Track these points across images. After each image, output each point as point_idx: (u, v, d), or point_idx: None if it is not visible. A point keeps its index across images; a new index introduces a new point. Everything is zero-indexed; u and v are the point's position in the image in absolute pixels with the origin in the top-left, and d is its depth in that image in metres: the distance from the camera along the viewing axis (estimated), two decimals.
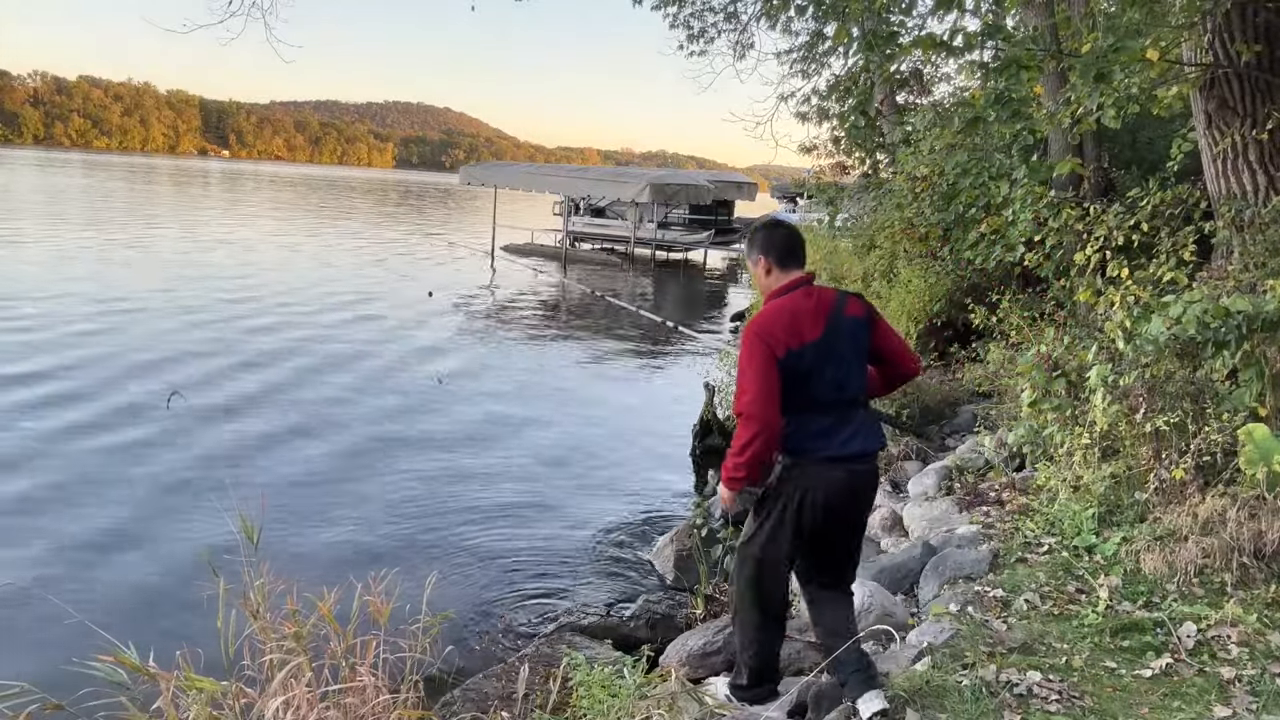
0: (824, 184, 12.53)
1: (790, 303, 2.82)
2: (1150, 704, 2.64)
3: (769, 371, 2.72)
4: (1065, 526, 3.90)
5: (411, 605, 2.90)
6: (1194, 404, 3.89)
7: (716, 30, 14.94)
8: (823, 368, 2.80)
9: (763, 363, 2.73)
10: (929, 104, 13.26)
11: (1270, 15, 4.91)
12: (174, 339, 10.90)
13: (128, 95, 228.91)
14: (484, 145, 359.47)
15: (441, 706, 3.35)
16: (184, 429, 7.35)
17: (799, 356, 2.76)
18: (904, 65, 12.42)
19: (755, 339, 2.76)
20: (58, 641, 3.94)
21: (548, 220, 29.64)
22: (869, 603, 3.55)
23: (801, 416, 2.81)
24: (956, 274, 8.19)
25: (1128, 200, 6.15)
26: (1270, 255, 4.69)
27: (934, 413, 6.61)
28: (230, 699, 2.49)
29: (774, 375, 2.72)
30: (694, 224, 27.77)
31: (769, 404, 2.72)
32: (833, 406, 2.83)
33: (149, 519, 5.61)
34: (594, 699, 2.81)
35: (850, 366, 2.86)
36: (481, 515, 5.95)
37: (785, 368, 2.74)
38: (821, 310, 2.81)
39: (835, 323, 2.82)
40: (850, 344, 2.86)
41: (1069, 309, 6.45)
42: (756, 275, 2.98)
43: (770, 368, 2.72)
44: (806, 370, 2.78)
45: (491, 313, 15.51)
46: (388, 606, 2.73)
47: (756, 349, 2.75)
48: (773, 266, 2.92)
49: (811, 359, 2.77)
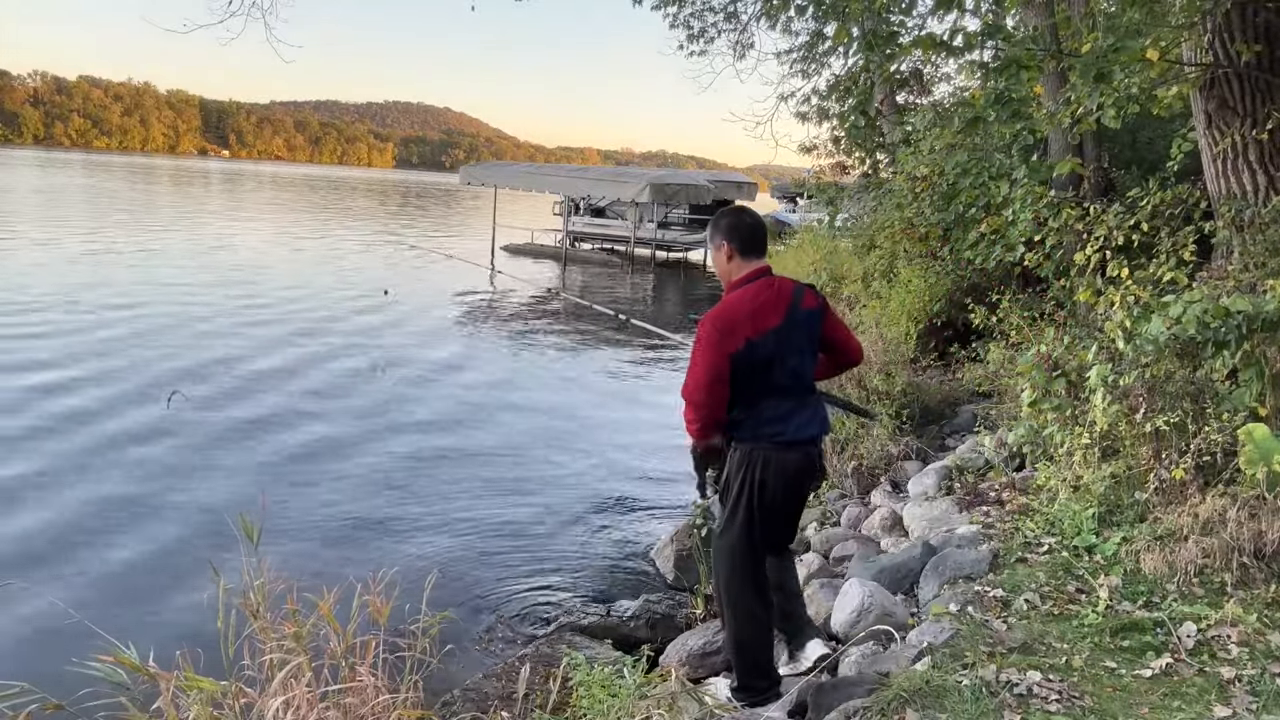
0: (824, 184, 12.53)
1: (752, 293, 2.94)
2: (1150, 704, 2.63)
3: (719, 363, 2.86)
4: (1065, 526, 3.90)
5: (411, 605, 2.90)
6: (1194, 404, 3.88)
7: (716, 30, 14.97)
8: (784, 356, 2.95)
9: (715, 354, 2.86)
10: (929, 104, 13.26)
11: (1270, 15, 4.91)
12: (177, 340, 10.91)
13: (128, 95, 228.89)
14: (484, 145, 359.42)
15: (441, 706, 3.35)
16: (183, 427, 7.35)
17: (760, 345, 2.89)
18: (904, 65, 12.42)
19: (713, 329, 2.89)
20: (58, 641, 3.95)
21: (548, 220, 29.64)
22: (869, 603, 3.54)
23: (762, 402, 2.95)
24: (956, 274, 8.18)
25: (1128, 200, 6.14)
26: (1270, 255, 4.69)
27: (934, 413, 6.61)
28: (230, 699, 2.49)
29: (724, 367, 2.86)
30: (694, 224, 27.77)
31: (711, 393, 2.89)
32: (790, 392, 3.00)
33: (149, 518, 5.61)
34: (594, 699, 2.81)
35: (805, 355, 3.04)
36: (481, 515, 5.95)
37: (746, 356, 2.88)
38: (781, 301, 2.95)
39: (793, 313, 2.97)
40: (806, 334, 3.02)
41: (1069, 309, 6.45)
42: (718, 260, 3.08)
43: (721, 360, 2.86)
44: (767, 358, 2.91)
45: (492, 313, 15.51)
46: (387, 606, 2.73)
47: (712, 339, 2.87)
48: (735, 253, 3.02)
49: (772, 347, 2.91)
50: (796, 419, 3.00)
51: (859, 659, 3.19)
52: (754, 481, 2.97)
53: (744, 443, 2.99)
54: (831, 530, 5.11)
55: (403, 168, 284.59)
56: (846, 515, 5.30)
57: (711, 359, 2.87)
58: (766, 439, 2.97)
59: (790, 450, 3.00)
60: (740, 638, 3.11)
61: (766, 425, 2.97)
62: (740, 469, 2.99)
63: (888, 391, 6.35)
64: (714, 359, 2.87)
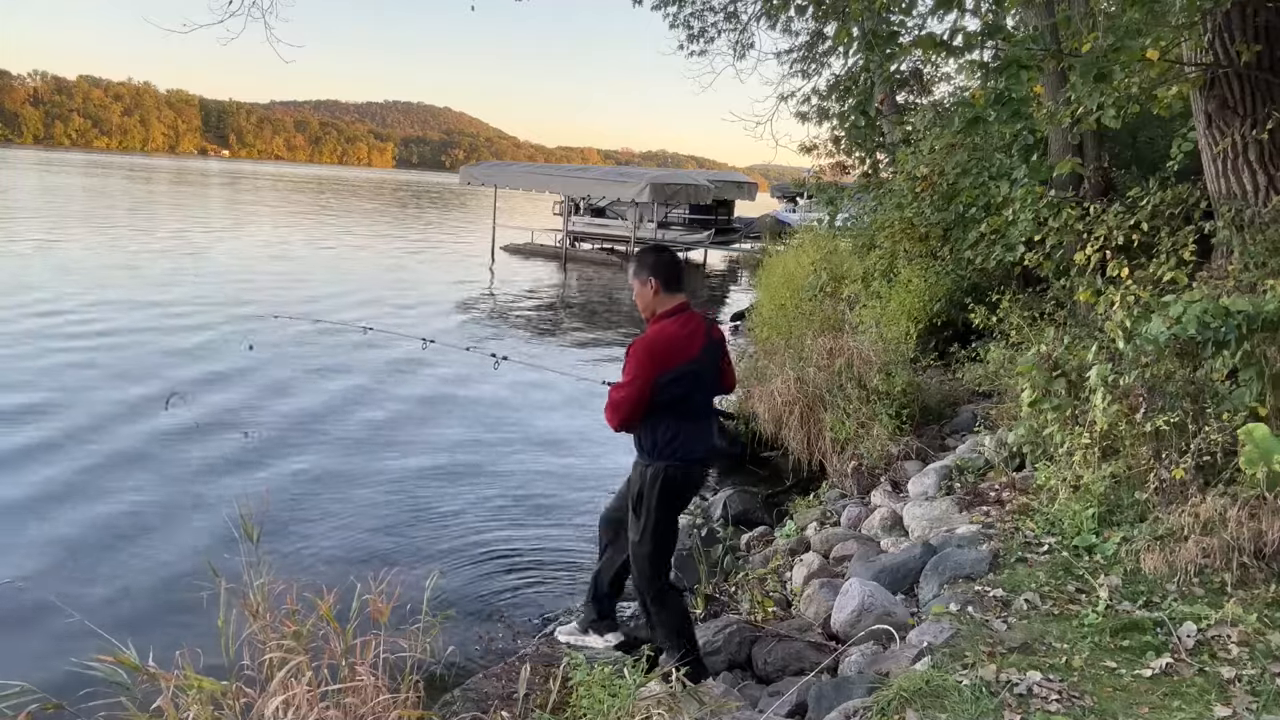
0: (824, 184, 12.51)
1: (679, 324, 3.35)
2: (1150, 704, 2.63)
3: (646, 384, 3.25)
4: (1065, 526, 3.90)
5: (411, 605, 2.90)
6: (1194, 404, 3.88)
7: (716, 30, 14.96)
8: (701, 381, 3.40)
9: (645, 375, 3.24)
10: (929, 104, 13.26)
11: (1270, 15, 4.91)
12: (182, 339, 10.91)
13: (128, 95, 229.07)
14: (484, 145, 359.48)
15: (441, 706, 3.35)
16: (182, 429, 7.34)
17: (685, 371, 3.30)
18: (904, 65, 12.43)
19: (646, 354, 3.26)
20: (58, 641, 3.95)
21: (548, 220, 29.63)
22: (869, 603, 3.55)
23: (682, 423, 3.35)
24: (956, 274, 8.18)
25: (1128, 200, 6.14)
26: (1270, 255, 4.68)
27: (934, 413, 6.61)
28: (230, 699, 2.49)
29: (648, 388, 3.25)
30: (694, 224, 27.77)
31: (636, 407, 3.27)
32: (702, 414, 3.45)
33: (149, 519, 5.61)
34: (594, 699, 2.81)
35: (713, 381, 3.52)
36: (481, 515, 5.95)
37: (671, 382, 3.27)
38: (698, 334, 3.37)
39: (707, 344, 3.40)
40: (713, 362, 3.48)
41: (1069, 309, 6.45)
42: (643, 294, 3.40)
43: (648, 382, 3.25)
44: (689, 384, 3.33)
45: (491, 314, 15.51)
46: (388, 606, 2.72)
47: (645, 363, 3.25)
48: (660, 288, 3.37)
49: (693, 374, 3.34)
50: (704, 439, 3.45)
51: (859, 659, 3.19)
52: (671, 495, 3.37)
53: (660, 460, 3.35)
54: (831, 530, 5.11)
55: (403, 168, 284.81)
56: (847, 515, 5.30)
57: (643, 379, 3.24)
58: (681, 457, 3.35)
59: (698, 466, 3.47)
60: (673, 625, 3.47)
61: (683, 445, 3.35)
62: (654, 485, 3.35)
63: (888, 391, 6.35)
64: (645, 380, 3.23)
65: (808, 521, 5.43)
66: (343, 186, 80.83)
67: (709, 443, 3.47)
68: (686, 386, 3.32)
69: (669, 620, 3.49)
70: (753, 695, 3.33)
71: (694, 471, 3.45)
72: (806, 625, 3.90)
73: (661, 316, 3.36)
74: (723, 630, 3.81)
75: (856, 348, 6.90)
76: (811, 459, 6.61)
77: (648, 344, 3.28)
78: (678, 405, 3.31)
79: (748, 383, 7.57)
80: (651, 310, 3.38)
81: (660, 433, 3.33)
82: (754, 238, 27.61)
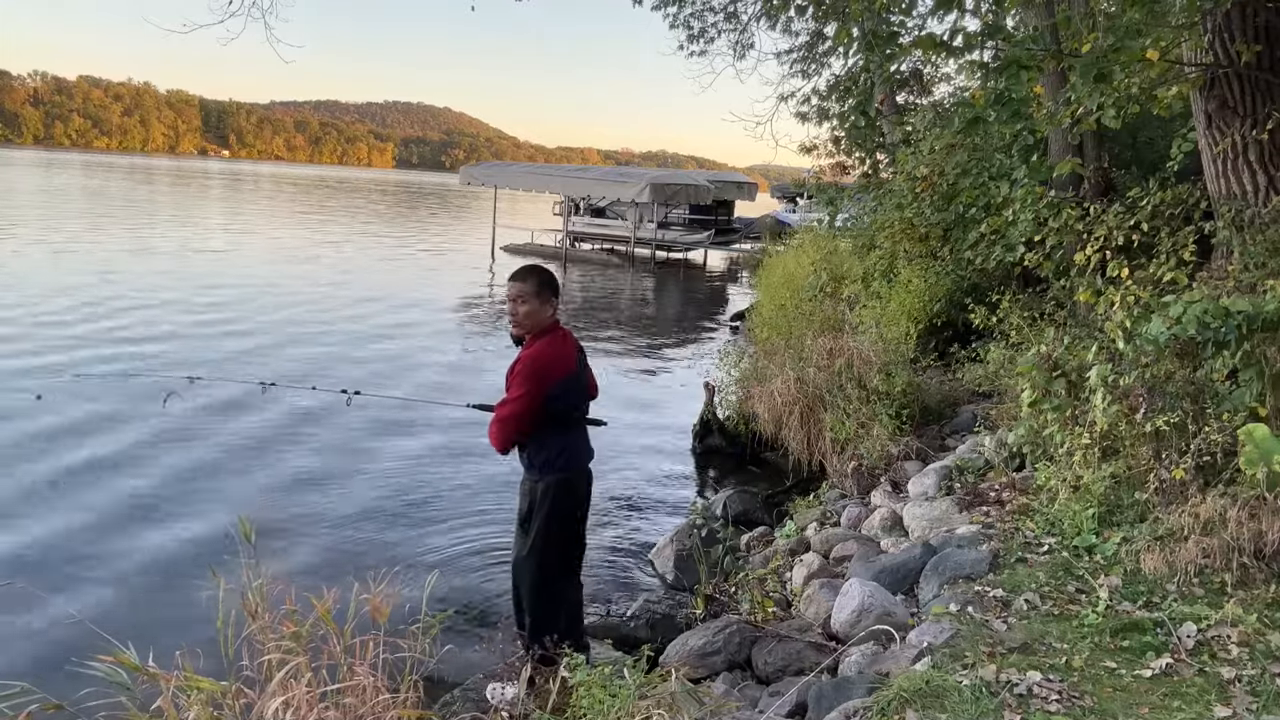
0: (824, 184, 12.52)
1: (560, 338, 3.49)
2: (1150, 704, 2.63)
3: (538, 398, 3.35)
4: (1065, 526, 3.90)
5: (411, 605, 2.90)
6: (1194, 404, 3.88)
7: (716, 30, 14.97)
8: (582, 390, 3.56)
9: (538, 389, 3.34)
10: (929, 104, 13.27)
11: (1270, 15, 4.91)
12: (185, 339, 10.92)
13: (128, 95, 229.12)
14: (484, 145, 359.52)
15: (441, 706, 3.35)
16: (180, 428, 7.34)
17: (569, 383, 3.45)
18: (904, 65, 12.43)
19: (539, 368, 3.37)
20: (58, 641, 3.95)
21: (548, 220, 29.63)
22: (869, 603, 3.54)
23: (568, 435, 3.49)
24: (956, 274, 8.18)
25: (1128, 200, 6.14)
26: (1270, 255, 4.68)
27: (934, 413, 6.61)
28: (230, 699, 2.49)
29: (539, 399, 3.35)
30: (694, 224, 27.76)
31: (523, 421, 3.37)
32: (581, 423, 3.59)
33: (148, 519, 5.61)
34: (594, 699, 2.81)
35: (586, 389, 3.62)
36: (481, 515, 5.94)
37: (558, 394, 3.39)
38: (570, 344, 3.53)
39: (579, 354, 3.57)
40: (584, 370, 3.60)
41: (1069, 309, 6.45)
42: (540, 311, 3.45)
43: (539, 395, 3.35)
44: (574, 396, 3.50)
45: (492, 314, 15.51)
46: (387, 606, 2.72)
47: (533, 376, 3.35)
48: (552, 305, 3.49)
49: (575, 386, 3.49)
50: (586, 448, 3.60)
51: (859, 659, 3.19)
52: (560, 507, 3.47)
53: (553, 474, 3.46)
54: (831, 530, 5.11)
55: (403, 168, 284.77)
56: (847, 515, 5.30)
57: (534, 391, 3.34)
58: (569, 469, 3.48)
59: (584, 475, 3.59)
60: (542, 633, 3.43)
61: (573, 456, 3.50)
62: (546, 498, 3.45)
63: (888, 391, 6.35)
64: (536, 392, 3.34)
65: (808, 522, 5.43)
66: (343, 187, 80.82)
67: (591, 450, 3.63)
68: (574, 397, 3.49)
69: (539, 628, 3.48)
70: (753, 695, 3.33)
71: (583, 481, 3.59)
72: (806, 625, 3.90)
73: (544, 332, 3.46)
74: (723, 630, 3.81)
75: (856, 348, 6.90)
76: (811, 459, 6.61)
77: (536, 358, 3.39)
78: (565, 416, 3.46)
79: (748, 383, 7.57)
80: (540, 324, 3.46)
81: (550, 446, 3.44)
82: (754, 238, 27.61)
